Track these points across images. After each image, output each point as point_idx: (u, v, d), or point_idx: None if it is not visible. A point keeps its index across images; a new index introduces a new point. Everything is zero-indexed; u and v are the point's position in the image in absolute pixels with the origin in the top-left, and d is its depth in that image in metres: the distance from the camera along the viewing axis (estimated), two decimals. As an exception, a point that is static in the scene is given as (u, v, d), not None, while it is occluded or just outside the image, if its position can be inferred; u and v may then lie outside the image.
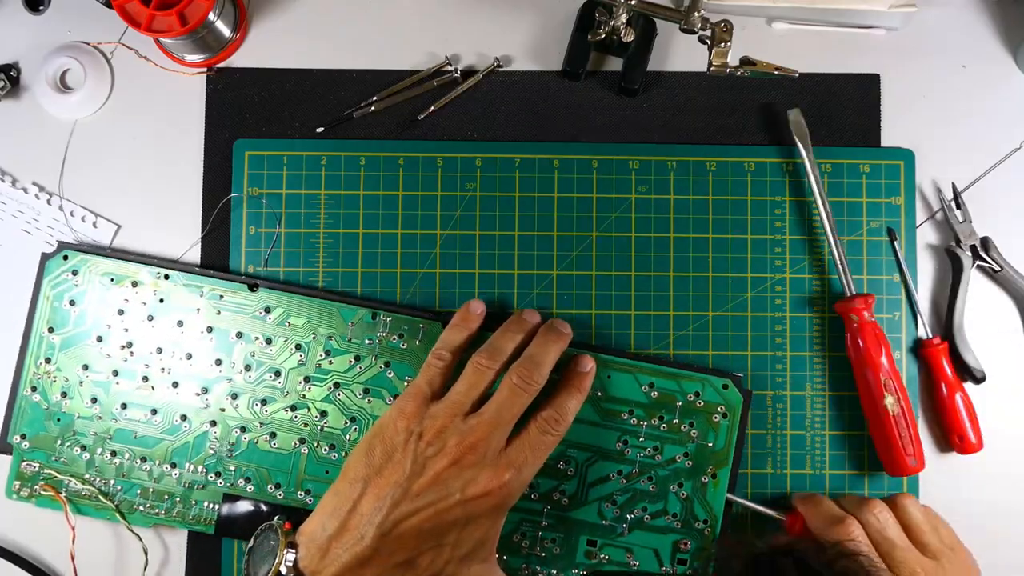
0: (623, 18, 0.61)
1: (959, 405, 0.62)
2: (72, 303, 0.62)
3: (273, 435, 0.62)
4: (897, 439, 0.61)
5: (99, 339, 0.62)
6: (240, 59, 0.66)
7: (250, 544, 0.56)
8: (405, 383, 0.62)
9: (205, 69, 0.65)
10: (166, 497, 0.62)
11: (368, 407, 0.62)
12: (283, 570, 0.53)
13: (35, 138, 0.65)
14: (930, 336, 0.63)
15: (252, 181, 0.64)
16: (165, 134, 0.65)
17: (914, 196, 0.64)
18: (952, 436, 0.62)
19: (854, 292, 0.62)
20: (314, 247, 0.64)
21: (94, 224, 0.64)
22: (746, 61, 0.59)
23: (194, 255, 0.64)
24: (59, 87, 0.64)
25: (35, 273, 0.63)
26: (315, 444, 0.62)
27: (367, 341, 0.62)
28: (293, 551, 0.54)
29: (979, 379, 0.63)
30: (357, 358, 0.62)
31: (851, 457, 0.63)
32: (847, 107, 0.65)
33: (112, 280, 0.63)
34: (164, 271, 0.62)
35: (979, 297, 0.64)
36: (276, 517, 0.57)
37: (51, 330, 0.62)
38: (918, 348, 0.63)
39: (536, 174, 0.64)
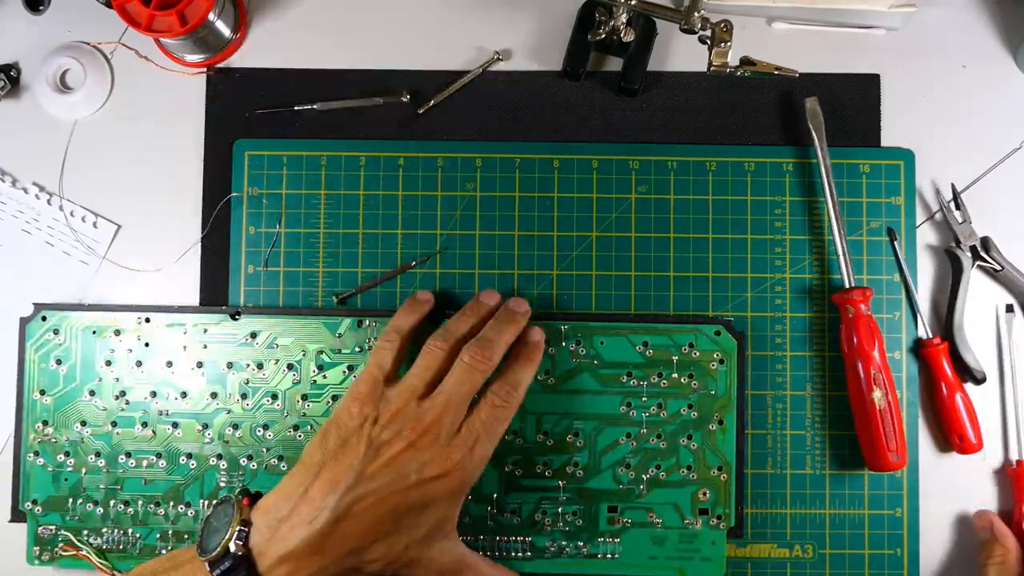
0: (623, 18, 0.61)
1: (959, 405, 0.62)
2: (59, 362, 0.63)
3: (280, 457, 0.62)
4: (881, 434, 0.60)
5: (92, 393, 0.63)
6: (240, 59, 0.66)
7: (207, 514, 0.56)
8: None
9: (205, 69, 0.65)
10: (186, 536, 0.62)
11: None
12: (232, 547, 0.53)
13: (35, 138, 0.65)
14: (930, 336, 0.63)
15: (252, 181, 0.64)
16: (165, 134, 0.65)
17: (914, 196, 0.64)
18: (952, 436, 0.62)
19: (853, 284, 0.62)
20: (314, 247, 0.64)
21: (94, 224, 0.64)
22: (746, 61, 0.59)
23: (194, 255, 0.64)
24: (59, 87, 0.64)
25: (15, 324, 0.63)
26: None
27: (357, 349, 0.62)
28: (246, 528, 0.53)
29: (979, 379, 0.63)
30: (350, 368, 0.63)
31: (851, 457, 0.63)
32: (847, 107, 0.65)
33: (94, 332, 0.63)
34: (144, 315, 0.63)
35: (979, 297, 0.64)
36: (238, 490, 0.56)
37: (43, 392, 0.63)
38: (918, 348, 0.63)
39: (536, 174, 0.64)
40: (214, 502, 0.57)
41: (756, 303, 0.64)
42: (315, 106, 0.64)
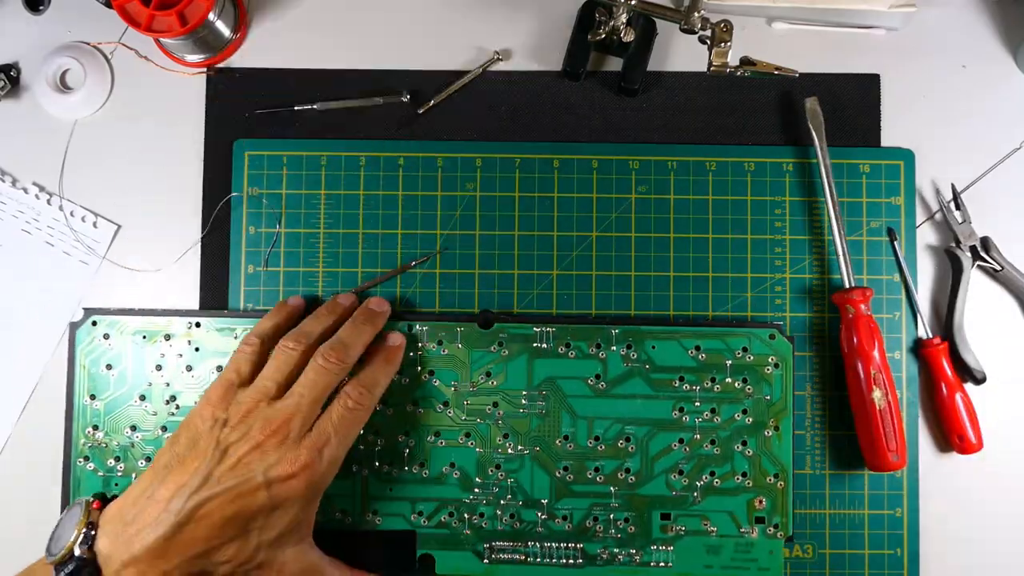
0: (623, 18, 0.61)
1: (959, 405, 0.62)
2: (109, 367, 0.62)
3: None
4: (881, 434, 0.60)
5: (142, 398, 0.62)
6: (240, 59, 0.66)
7: (60, 518, 0.55)
8: (452, 387, 0.62)
9: (205, 69, 0.65)
10: None
11: (420, 417, 0.62)
12: (77, 550, 0.52)
13: (35, 138, 0.65)
14: (930, 336, 0.63)
15: (252, 181, 0.64)
16: (165, 134, 0.65)
17: (914, 196, 0.64)
18: (952, 436, 0.62)
19: (853, 284, 0.62)
20: (314, 247, 0.64)
21: (94, 224, 0.64)
22: (746, 61, 0.59)
23: (194, 255, 0.64)
24: (59, 87, 0.64)
25: (60, 335, 0.64)
26: (375, 464, 0.62)
27: (409, 354, 0.62)
28: (92, 531, 0.53)
29: (979, 380, 0.63)
30: (399, 372, 0.62)
31: (851, 457, 0.63)
32: (847, 107, 0.65)
33: (144, 337, 0.63)
34: (194, 319, 0.62)
35: (979, 297, 0.64)
36: (92, 495, 0.56)
37: (93, 397, 0.62)
38: (918, 348, 0.63)
39: (536, 174, 0.64)
40: (66, 507, 0.57)
41: (756, 303, 0.64)
42: (315, 106, 0.64)
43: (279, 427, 0.54)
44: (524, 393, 0.62)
